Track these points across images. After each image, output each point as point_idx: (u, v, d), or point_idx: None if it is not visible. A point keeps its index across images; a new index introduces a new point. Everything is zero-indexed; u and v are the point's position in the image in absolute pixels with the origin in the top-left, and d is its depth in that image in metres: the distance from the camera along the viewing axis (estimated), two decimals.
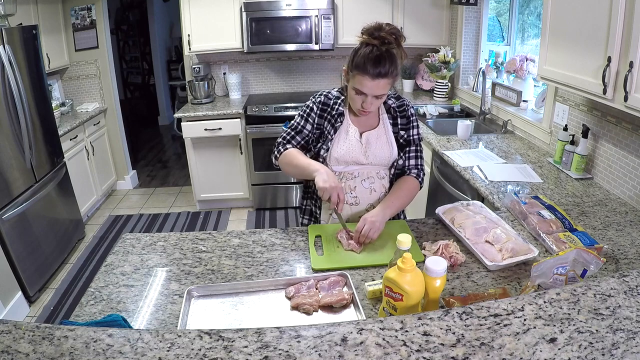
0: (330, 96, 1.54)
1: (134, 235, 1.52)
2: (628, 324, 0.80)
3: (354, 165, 1.53)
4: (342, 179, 1.54)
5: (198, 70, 3.79)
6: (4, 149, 2.53)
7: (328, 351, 0.75)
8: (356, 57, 1.36)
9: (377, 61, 1.32)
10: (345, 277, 1.22)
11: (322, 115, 1.53)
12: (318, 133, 1.54)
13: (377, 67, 1.32)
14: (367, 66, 1.32)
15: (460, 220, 1.48)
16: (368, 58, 1.32)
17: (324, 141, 1.52)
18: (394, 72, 1.35)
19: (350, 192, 1.55)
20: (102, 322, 0.96)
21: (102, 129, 4.10)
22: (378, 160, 1.53)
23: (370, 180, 1.55)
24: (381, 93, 1.38)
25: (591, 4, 1.56)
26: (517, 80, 2.88)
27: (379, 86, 1.35)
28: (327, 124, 1.52)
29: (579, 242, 1.33)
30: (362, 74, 1.34)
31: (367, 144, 1.51)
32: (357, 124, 1.53)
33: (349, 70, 1.41)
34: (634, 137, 1.77)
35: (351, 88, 1.41)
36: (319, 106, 1.53)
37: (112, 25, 5.73)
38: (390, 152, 1.54)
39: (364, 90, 1.37)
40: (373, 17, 4.16)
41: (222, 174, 3.78)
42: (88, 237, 3.54)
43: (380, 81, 1.34)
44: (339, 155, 1.51)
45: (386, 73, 1.33)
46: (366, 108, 1.41)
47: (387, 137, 1.54)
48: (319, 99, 1.53)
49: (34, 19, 3.31)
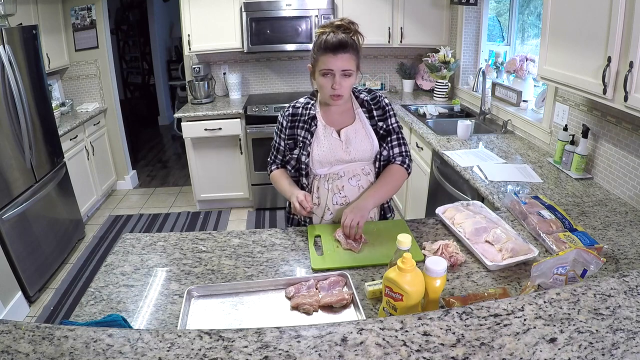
0: (298, 105, 1.57)
1: (134, 235, 1.52)
2: (628, 324, 0.80)
3: (337, 164, 1.54)
4: (328, 180, 1.56)
5: (198, 70, 3.79)
6: (4, 149, 2.53)
7: (328, 351, 0.75)
8: (315, 45, 1.43)
9: (334, 38, 1.39)
10: (345, 277, 1.22)
11: (292, 125, 1.56)
12: (292, 143, 1.57)
13: (334, 43, 1.38)
14: (326, 44, 1.39)
15: (460, 220, 1.48)
16: (326, 40, 1.40)
17: (303, 147, 1.53)
18: (354, 46, 1.41)
19: (339, 192, 1.56)
20: (102, 322, 0.96)
21: (102, 129, 4.10)
22: (360, 155, 1.54)
23: (357, 178, 1.57)
24: (346, 68, 1.41)
25: (591, 4, 1.56)
26: (517, 80, 2.88)
27: (343, 60, 1.39)
28: (300, 131, 1.54)
29: (579, 242, 1.33)
30: (324, 53, 1.40)
31: (347, 141, 1.53)
32: (332, 124, 1.54)
33: (312, 62, 1.46)
34: (634, 137, 1.77)
35: (319, 75, 1.44)
36: (287, 119, 1.56)
37: (112, 25, 5.73)
38: (371, 144, 1.55)
39: (330, 66, 1.40)
40: (373, 17, 4.16)
41: (222, 174, 3.78)
42: (88, 237, 3.54)
43: (343, 55, 1.39)
44: (321, 157, 1.52)
45: (345, 44, 1.39)
46: (337, 89, 1.43)
47: (366, 130, 1.55)
48: (287, 112, 1.57)
49: (34, 19, 3.31)
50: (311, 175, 1.58)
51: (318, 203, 1.58)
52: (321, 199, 1.58)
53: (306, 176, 1.57)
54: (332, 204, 1.57)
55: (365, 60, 4.14)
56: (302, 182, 1.58)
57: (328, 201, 1.57)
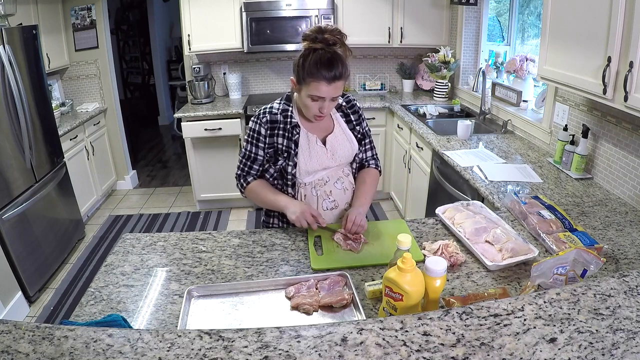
0: (275, 111, 1.48)
1: (134, 235, 1.52)
2: (628, 324, 0.80)
3: (321, 171, 1.54)
4: (315, 187, 1.54)
5: (198, 70, 3.79)
6: (4, 149, 2.53)
7: (328, 351, 0.75)
8: (306, 65, 1.34)
9: (329, 64, 1.32)
10: (345, 277, 1.22)
11: (272, 133, 1.47)
12: (272, 151, 1.49)
13: (331, 70, 1.32)
14: (321, 71, 1.32)
15: (460, 220, 1.48)
16: (320, 63, 1.31)
17: (287, 157, 1.48)
18: (346, 72, 1.37)
19: (327, 197, 1.56)
20: (102, 322, 0.96)
21: (102, 129, 4.09)
22: (345, 159, 1.56)
23: (341, 181, 1.58)
24: (338, 95, 1.39)
25: (591, 4, 1.56)
26: (517, 80, 2.88)
27: (336, 88, 1.36)
28: (281, 140, 1.47)
29: (579, 242, 1.33)
30: (317, 80, 1.33)
31: (332, 149, 1.52)
32: (313, 131, 1.51)
33: (299, 79, 1.38)
34: (634, 137, 1.77)
35: (305, 96, 1.38)
36: (266, 126, 1.47)
37: (112, 25, 5.73)
38: (351, 147, 1.57)
39: (322, 94, 1.35)
40: (373, 17, 4.16)
41: (222, 174, 3.78)
42: (88, 237, 3.54)
43: (337, 83, 1.35)
44: (308, 166, 1.49)
45: (340, 75, 1.34)
46: (324, 113, 1.41)
47: (345, 134, 1.56)
48: (264, 119, 1.47)
49: (34, 19, 3.31)
50: (297, 184, 1.53)
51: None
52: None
53: (292, 186, 1.52)
54: (322, 209, 1.56)
55: (365, 60, 4.15)
56: (289, 192, 1.53)
57: (318, 207, 1.56)
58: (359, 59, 4.12)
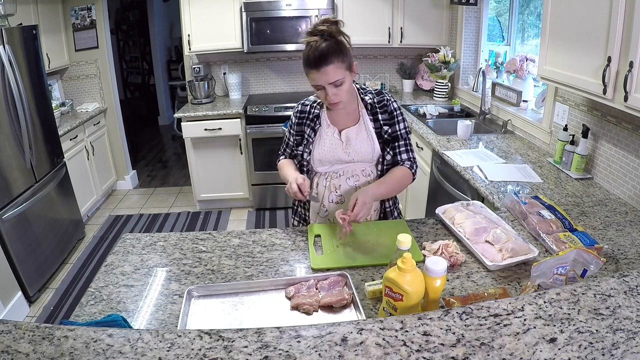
0: (307, 102, 1.60)
1: (134, 235, 1.52)
2: (628, 324, 0.80)
3: (337, 164, 1.56)
4: (327, 178, 1.58)
5: (198, 70, 3.79)
6: (4, 149, 2.53)
7: (328, 351, 0.75)
8: (303, 59, 1.41)
9: (315, 52, 1.35)
10: (345, 277, 1.22)
11: (300, 122, 1.58)
12: (299, 139, 1.59)
13: (316, 57, 1.35)
14: (309, 60, 1.37)
15: (460, 220, 1.48)
16: (309, 54, 1.37)
17: (305, 145, 1.57)
18: (337, 51, 1.36)
19: (335, 191, 1.58)
20: (102, 322, 0.96)
21: (102, 129, 4.10)
22: (360, 156, 1.54)
23: (355, 178, 1.57)
24: (335, 79, 1.38)
25: (591, 4, 1.56)
26: (517, 80, 2.88)
27: (327, 73, 1.36)
28: (306, 129, 1.57)
29: (579, 242, 1.33)
30: (309, 69, 1.39)
31: (347, 141, 1.53)
32: (336, 123, 1.55)
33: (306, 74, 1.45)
34: (634, 137, 1.77)
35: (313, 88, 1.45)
36: (297, 115, 1.59)
37: (112, 25, 5.73)
38: (371, 147, 1.54)
39: (317, 82, 1.39)
40: (373, 17, 4.15)
41: (222, 174, 3.78)
42: (88, 237, 3.54)
43: (326, 68, 1.35)
44: (321, 155, 1.54)
45: (326, 56, 1.34)
46: (330, 99, 1.42)
47: (368, 132, 1.54)
48: (297, 109, 1.60)
49: (34, 19, 3.32)
50: (312, 172, 1.61)
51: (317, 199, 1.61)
52: (319, 196, 1.60)
53: (307, 173, 1.59)
54: (327, 201, 1.59)
55: (365, 60, 4.15)
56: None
57: (324, 199, 1.59)
58: (359, 59, 4.12)
